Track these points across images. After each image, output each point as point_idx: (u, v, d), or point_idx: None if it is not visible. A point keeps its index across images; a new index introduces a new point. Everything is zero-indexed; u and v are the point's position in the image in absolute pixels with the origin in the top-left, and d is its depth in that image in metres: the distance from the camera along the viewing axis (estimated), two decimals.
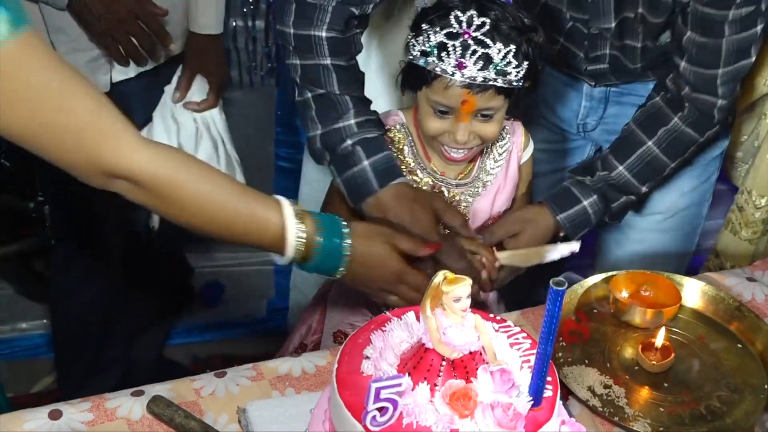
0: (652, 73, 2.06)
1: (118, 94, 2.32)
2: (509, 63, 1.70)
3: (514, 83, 1.73)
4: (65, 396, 1.65)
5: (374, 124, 1.91)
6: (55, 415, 1.53)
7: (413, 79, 1.79)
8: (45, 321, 3.15)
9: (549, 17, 1.92)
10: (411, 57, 1.76)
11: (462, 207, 1.91)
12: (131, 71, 2.39)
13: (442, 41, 1.70)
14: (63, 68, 1.41)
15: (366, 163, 1.84)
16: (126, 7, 2.21)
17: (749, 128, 2.32)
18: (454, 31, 1.69)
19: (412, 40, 1.75)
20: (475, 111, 1.75)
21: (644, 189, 2.01)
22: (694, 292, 1.86)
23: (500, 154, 1.92)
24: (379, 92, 2.24)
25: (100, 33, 2.21)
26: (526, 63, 1.72)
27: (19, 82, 1.36)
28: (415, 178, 1.88)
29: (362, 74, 1.96)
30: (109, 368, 2.76)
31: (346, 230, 1.55)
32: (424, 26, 1.73)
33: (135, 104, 2.45)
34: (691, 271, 2.27)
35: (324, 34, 1.84)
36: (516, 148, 1.94)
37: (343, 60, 1.88)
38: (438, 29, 1.70)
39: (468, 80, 1.70)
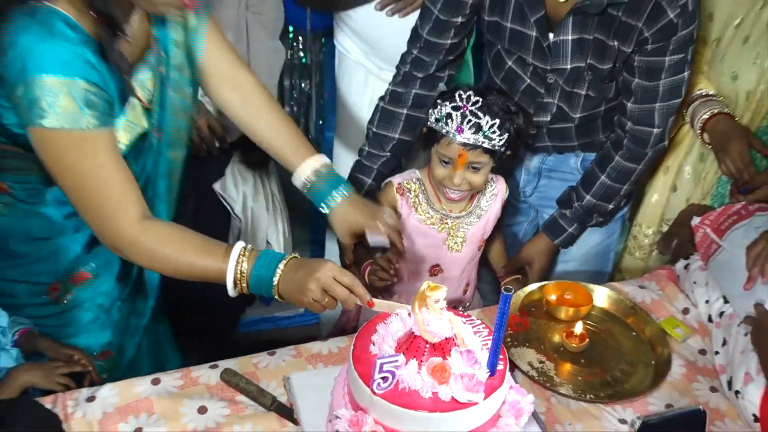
0: (578, 139, 2.00)
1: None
2: (494, 132, 1.69)
3: (497, 147, 1.72)
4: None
5: (374, 158, 1.96)
6: (155, 382, 1.54)
7: (429, 138, 1.78)
8: None
9: (510, 79, 1.90)
10: (429, 122, 1.76)
11: (460, 232, 1.89)
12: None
13: (448, 111, 1.69)
14: (114, 159, 1.41)
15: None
16: (203, 119, 2.19)
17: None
18: (457, 105, 1.69)
19: (431, 110, 1.75)
20: (468, 163, 1.73)
21: (611, 206, 1.99)
22: (602, 296, 1.85)
23: (490, 196, 1.91)
24: None
25: None
26: (506, 135, 1.71)
27: (77, 153, 1.37)
28: (426, 215, 1.86)
29: (408, 136, 1.98)
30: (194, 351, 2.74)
31: (280, 266, 1.45)
32: (438, 101, 1.73)
33: (213, 162, 2.43)
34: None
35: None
36: (500, 194, 1.92)
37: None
38: (447, 103, 1.70)
39: (464, 140, 1.69)
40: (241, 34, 2.31)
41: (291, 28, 2.78)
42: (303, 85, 2.82)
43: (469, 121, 1.68)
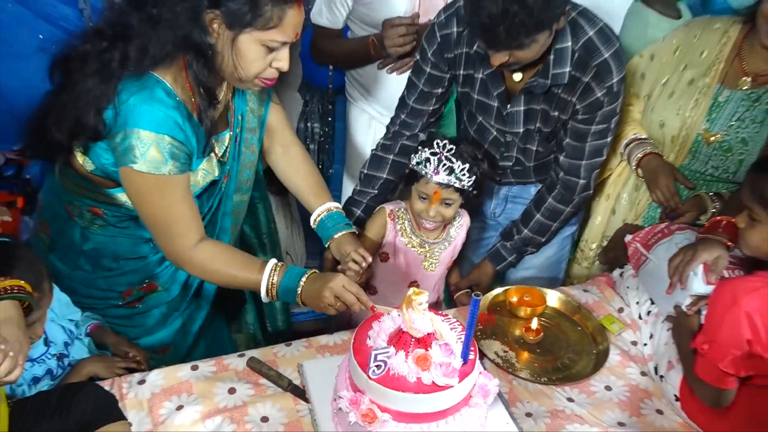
0: (535, 177, 2.00)
1: None
2: (464, 174, 1.69)
3: (466, 186, 1.71)
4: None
5: (364, 195, 1.92)
6: (194, 368, 1.52)
7: (411, 177, 1.77)
8: None
9: (480, 131, 1.90)
10: (411, 165, 1.75)
11: (435, 255, 1.87)
12: None
13: (427, 156, 1.69)
14: (185, 198, 1.45)
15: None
16: None
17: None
18: (435, 151, 1.68)
19: (413, 155, 1.75)
20: (441, 199, 1.73)
21: (543, 240, 1.98)
22: (553, 298, 1.84)
23: (457, 226, 1.89)
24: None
25: None
26: (474, 177, 1.71)
27: (157, 192, 1.41)
28: (409, 239, 1.85)
29: (394, 181, 1.95)
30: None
31: (302, 278, 1.48)
32: (419, 148, 1.72)
33: None
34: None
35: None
36: (465, 224, 1.91)
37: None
38: (426, 149, 1.69)
39: (439, 180, 1.69)
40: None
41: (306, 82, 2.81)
42: (315, 127, 2.83)
43: (444, 165, 1.68)
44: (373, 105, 2.30)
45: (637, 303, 1.79)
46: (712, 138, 1.87)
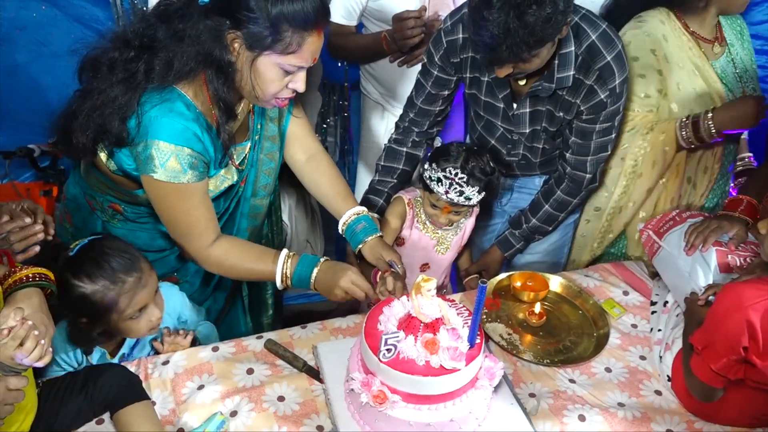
0: (540, 170, 1.95)
1: None
2: (474, 194, 1.66)
3: (475, 203, 1.70)
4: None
5: (384, 184, 1.86)
6: (215, 350, 1.49)
7: (424, 185, 1.73)
8: None
9: (488, 128, 1.84)
10: (423, 175, 1.71)
11: (446, 241, 1.84)
12: None
13: (439, 177, 1.65)
14: (203, 202, 1.43)
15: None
16: None
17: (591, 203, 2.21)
18: (447, 175, 1.64)
19: (428, 165, 1.70)
20: (450, 211, 1.72)
21: (550, 228, 1.94)
22: (556, 283, 1.78)
23: (467, 218, 1.86)
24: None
25: None
26: (483, 192, 1.68)
27: (176, 198, 1.39)
28: (424, 225, 1.81)
29: (408, 170, 1.89)
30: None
31: (315, 268, 1.46)
32: (434, 164, 1.68)
33: None
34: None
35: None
36: (474, 213, 1.87)
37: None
38: (440, 170, 1.65)
39: (449, 200, 1.67)
40: None
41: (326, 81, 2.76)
42: (332, 121, 2.78)
43: (455, 188, 1.65)
44: (386, 97, 2.27)
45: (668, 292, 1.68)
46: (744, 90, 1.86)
